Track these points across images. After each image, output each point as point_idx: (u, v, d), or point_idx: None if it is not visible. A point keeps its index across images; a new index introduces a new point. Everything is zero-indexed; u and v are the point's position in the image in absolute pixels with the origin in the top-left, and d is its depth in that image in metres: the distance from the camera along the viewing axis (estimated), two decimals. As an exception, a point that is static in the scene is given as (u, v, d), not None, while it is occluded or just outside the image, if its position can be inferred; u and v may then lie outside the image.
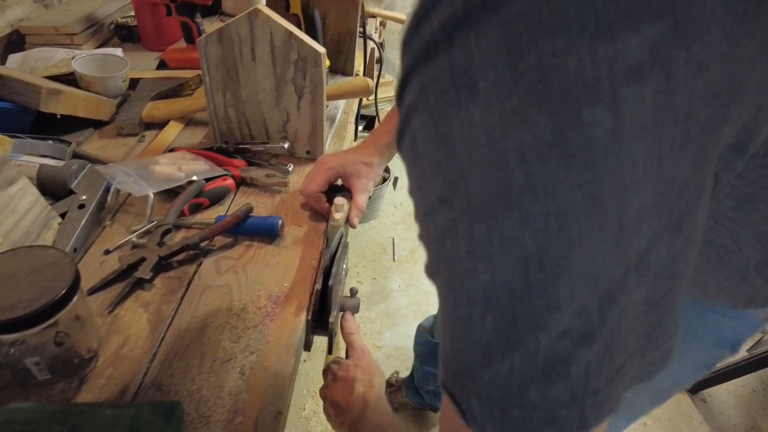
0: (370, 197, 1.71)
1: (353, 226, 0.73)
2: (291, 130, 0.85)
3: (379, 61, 1.57)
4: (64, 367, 0.51)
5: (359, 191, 0.74)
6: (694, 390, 1.61)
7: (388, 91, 2.39)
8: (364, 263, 1.93)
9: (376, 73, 1.53)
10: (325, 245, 0.68)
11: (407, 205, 2.19)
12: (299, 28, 0.93)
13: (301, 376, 1.49)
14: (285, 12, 0.95)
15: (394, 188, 2.13)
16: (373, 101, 1.59)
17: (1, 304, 0.45)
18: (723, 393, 1.64)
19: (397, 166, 2.35)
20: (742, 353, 1.70)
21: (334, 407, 0.62)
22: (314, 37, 0.95)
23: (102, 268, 0.64)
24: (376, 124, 2.14)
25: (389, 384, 1.52)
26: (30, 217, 0.61)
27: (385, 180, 2.09)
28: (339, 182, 0.77)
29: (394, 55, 3.61)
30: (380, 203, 2.14)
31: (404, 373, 1.51)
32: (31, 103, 0.81)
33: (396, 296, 1.81)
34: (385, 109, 2.66)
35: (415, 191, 0.28)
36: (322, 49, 0.76)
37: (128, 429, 0.40)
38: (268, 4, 1.01)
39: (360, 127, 2.29)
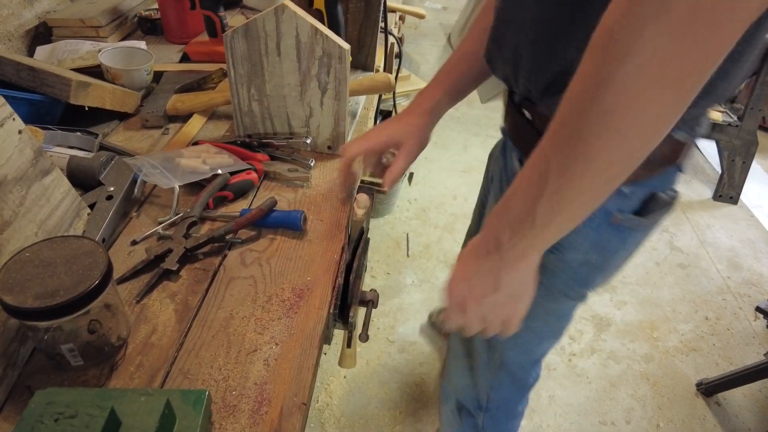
0: (385, 190, 1.72)
1: (384, 191, 0.72)
2: (314, 125, 0.85)
3: (399, 56, 1.58)
4: (96, 354, 0.53)
5: (402, 156, 0.71)
6: (709, 393, 1.60)
7: (405, 85, 2.38)
8: (378, 258, 1.94)
9: (395, 68, 1.53)
10: (346, 240, 0.69)
11: (422, 200, 2.19)
12: (322, 23, 0.94)
13: (315, 368, 1.51)
14: (308, 7, 0.95)
15: (410, 184, 2.14)
16: (392, 96, 1.60)
17: (41, 291, 0.46)
18: (739, 396, 1.62)
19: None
20: (760, 357, 1.69)
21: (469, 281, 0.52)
22: (337, 32, 0.95)
23: (130, 258, 0.66)
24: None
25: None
26: (63, 207, 0.63)
27: (400, 175, 2.09)
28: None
29: (412, 49, 3.61)
30: (395, 198, 2.15)
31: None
32: (61, 96, 0.83)
33: (410, 291, 1.82)
34: (403, 104, 2.65)
35: None
36: (346, 46, 0.76)
37: (162, 415, 0.41)
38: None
39: (378, 121, 2.30)
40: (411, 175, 2.10)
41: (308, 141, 0.83)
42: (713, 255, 2.23)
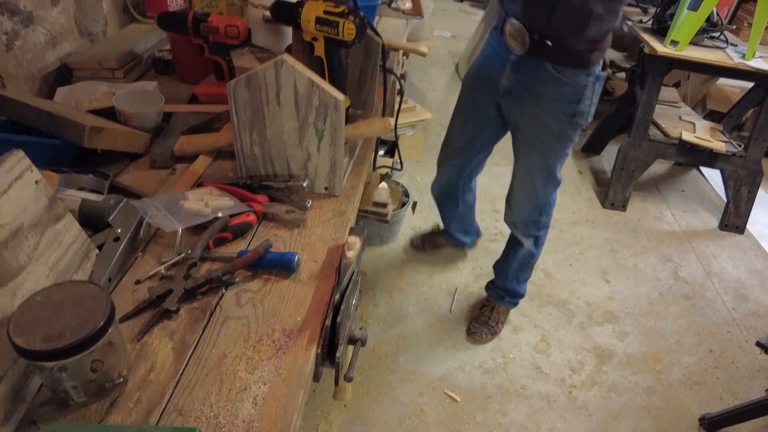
0: (385, 217, 1.81)
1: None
2: (312, 167, 0.90)
3: (400, 92, 1.63)
4: (98, 390, 0.57)
5: None
6: (712, 428, 1.58)
7: (410, 116, 2.44)
8: (381, 285, 1.97)
9: (396, 104, 1.59)
10: (336, 281, 0.73)
11: (425, 228, 2.22)
12: (323, 69, 1.00)
13: (316, 396, 1.53)
14: (310, 54, 1.01)
15: (413, 212, 2.18)
16: (394, 122, 1.65)
17: (49, 333, 0.51)
18: (743, 431, 1.61)
19: (416, 189, 2.40)
20: (763, 393, 1.68)
21: None
22: (338, 76, 1.01)
23: (133, 296, 0.70)
24: (396, 149, 2.19)
25: (432, 231, 2.14)
26: (73, 250, 0.68)
27: (404, 204, 2.14)
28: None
29: (420, 77, 3.69)
30: (399, 227, 2.19)
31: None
32: (76, 139, 0.89)
33: (412, 319, 1.84)
34: (408, 134, 2.72)
35: None
36: (341, 96, 0.81)
37: (152, 454, 0.45)
38: (295, 48, 1.08)
39: (381, 152, 2.35)
40: (415, 204, 2.15)
41: (305, 184, 0.87)
42: (719, 286, 2.22)
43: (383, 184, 2.06)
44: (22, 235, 0.60)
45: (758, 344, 1.51)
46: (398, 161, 2.33)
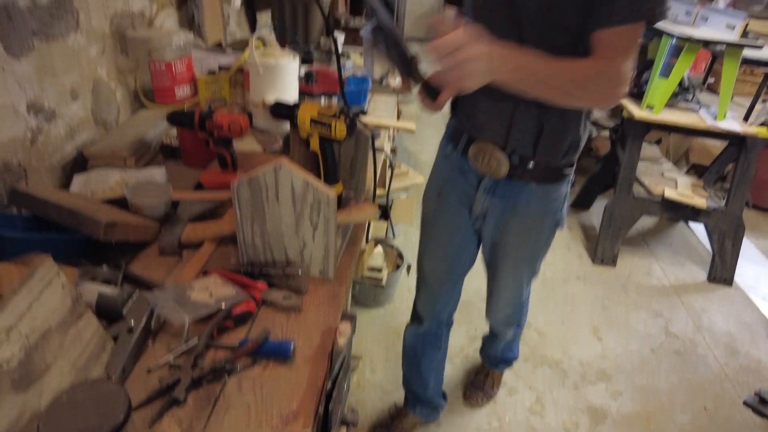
0: (380, 281, 1.83)
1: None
2: (307, 254, 0.99)
3: (391, 166, 1.75)
4: (113, 481, 0.63)
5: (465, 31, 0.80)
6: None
7: (403, 180, 2.55)
8: (378, 349, 2.02)
9: (388, 179, 1.70)
10: (329, 367, 0.80)
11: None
12: (318, 162, 1.10)
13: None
14: (306, 149, 1.12)
15: (408, 274, 2.25)
16: (386, 193, 1.75)
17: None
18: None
19: (410, 250, 2.48)
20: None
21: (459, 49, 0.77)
22: (331, 167, 1.11)
23: (145, 385, 0.77)
24: (390, 213, 2.29)
25: (392, 415, 1.70)
26: (92, 345, 0.75)
27: (399, 266, 2.22)
28: None
29: (411, 141, 3.86)
30: (395, 289, 2.26)
31: None
32: (93, 234, 0.98)
33: (408, 383, 1.88)
34: (402, 197, 2.83)
35: None
36: (333, 194, 0.91)
37: None
38: (292, 139, 1.20)
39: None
40: (409, 266, 2.23)
41: (300, 272, 0.96)
42: (710, 340, 2.27)
43: (378, 248, 2.15)
44: (49, 336, 0.68)
45: (746, 404, 1.55)
46: (391, 229, 2.43)
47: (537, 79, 0.87)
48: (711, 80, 3.17)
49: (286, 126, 1.45)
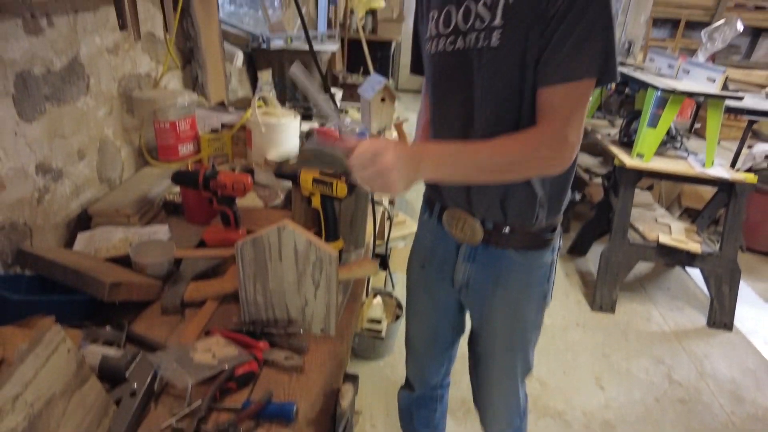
0: (380, 333, 1.79)
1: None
2: (309, 312, 1.00)
3: (389, 218, 1.79)
4: None
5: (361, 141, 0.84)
6: None
7: (402, 229, 2.59)
8: (377, 402, 1.99)
9: (387, 230, 1.73)
10: (332, 431, 0.79)
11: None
12: (319, 219, 1.13)
13: None
14: (307, 205, 1.15)
15: (408, 324, 2.24)
16: (384, 243, 1.77)
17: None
18: None
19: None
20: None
21: (378, 154, 0.80)
22: (332, 224, 1.14)
23: (146, 451, 0.76)
24: (389, 262, 2.30)
25: None
26: (95, 409, 0.75)
27: (398, 317, 2.21)
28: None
29: (409, 195, 3.91)
30: (394, 339, 2.24)
31: None
32: (97, 294, 0.99)
33: (410, 438, 1.84)
34: (399, 246, 2.85)
35: None
36: (335, 252, 0.94)
37: None
38: (294, 196, 1.23)
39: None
40: (408, 316, 2.22)
41: (301, 331, 0.97)
42: (714, 388, 2.24)
43: (377, 299, 2.15)
44: (54, 403, 0.68)
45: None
46: (390, 279, 2.44)
47: (468, 168, 0.86)
48: (697, 125, 3.28)
49: (288, 181, 1.49)
